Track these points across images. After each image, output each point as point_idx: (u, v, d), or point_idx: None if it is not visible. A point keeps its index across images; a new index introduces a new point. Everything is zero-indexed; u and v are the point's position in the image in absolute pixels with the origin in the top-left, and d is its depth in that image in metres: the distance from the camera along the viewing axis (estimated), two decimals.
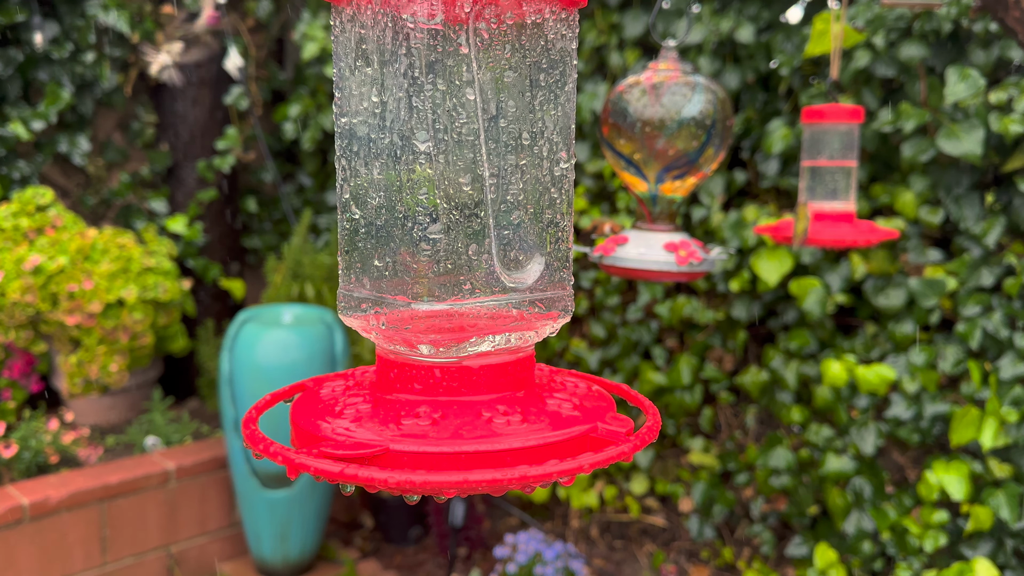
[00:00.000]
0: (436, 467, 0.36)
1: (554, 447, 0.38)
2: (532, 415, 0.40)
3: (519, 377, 0.43)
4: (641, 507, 2.01)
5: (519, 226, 0.42)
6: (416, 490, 0.34)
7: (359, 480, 0.34)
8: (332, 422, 0.40)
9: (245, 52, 2.44)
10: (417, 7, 0.38)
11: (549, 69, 0.43)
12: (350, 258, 0.44)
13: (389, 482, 0.34)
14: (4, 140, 2.07)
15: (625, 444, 0.38)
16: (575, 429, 0.39)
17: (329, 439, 0.38)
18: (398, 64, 0.40)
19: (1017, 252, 1.49)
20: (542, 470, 0.35)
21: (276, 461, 0.36)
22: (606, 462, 0.37)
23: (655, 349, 1.90)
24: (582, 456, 0.37)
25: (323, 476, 0.35)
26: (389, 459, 0.37)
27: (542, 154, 0.43)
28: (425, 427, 0.38)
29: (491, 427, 0.39)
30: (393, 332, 0.42)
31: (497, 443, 0.37)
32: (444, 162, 0.40)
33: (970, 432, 1.43)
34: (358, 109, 0.42)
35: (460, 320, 0.41)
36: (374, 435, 0.38)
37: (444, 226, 0.40)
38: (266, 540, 1.89)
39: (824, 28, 1.29)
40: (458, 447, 0.37)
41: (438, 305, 0.40)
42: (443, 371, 0.41)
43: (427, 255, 0.40)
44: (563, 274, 0.45)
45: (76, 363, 1.93)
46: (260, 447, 0.38)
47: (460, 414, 0.40)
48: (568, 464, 0.35)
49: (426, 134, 0.39)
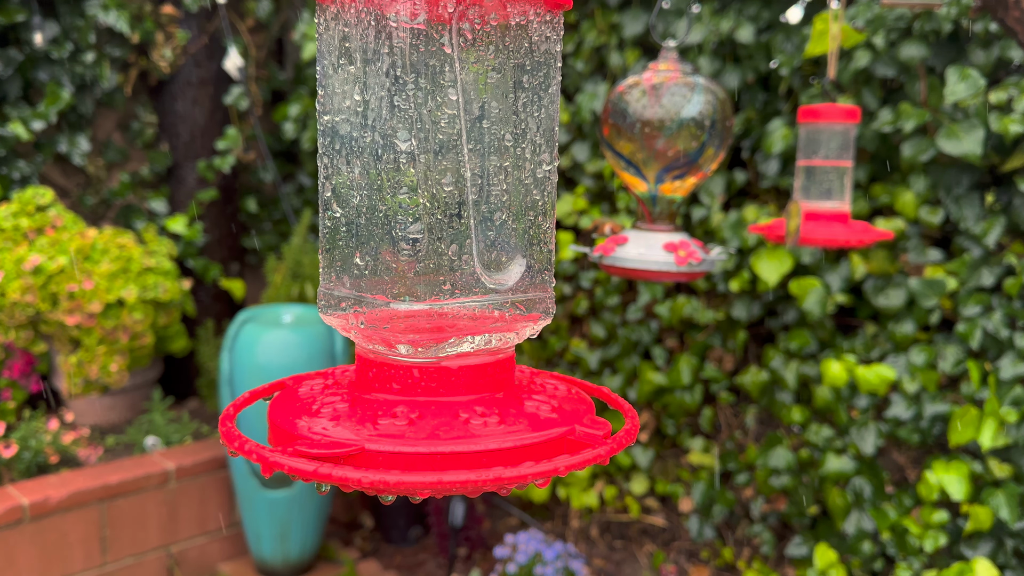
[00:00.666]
0: (411, 467, 0.36)
1: (530, 449, 0.38)
2: (510, 417, 0.40)
3: (498, 378, 0.43)
4: (641, 507, 2.01)
5: (501, 227, 0.42)
6: (390, 490, 0.34)
7: (332, 479, 0.34)
8: (309, 421, 0.40)
9: (245, 52, 2.44)
10: (400, 6, 0.38)
11: (533, 71, 0.43)
12: (331, 256, 0.44)
13: (363, 482, 0.34)
14: (4, 140, 2.08)
15: (602, 447, 0.38)
16: (552, 431, 0.39)
17: (305, 438, 0.38)
18: (380, 63, 0.39)
19: (1017, 252, 1.48)
20: (516, 472, 0.35)
21: (251, 459, 0.36)
22: (581, 465, 0.36)
23: (655, 349, 1.90)
24: (558, 458, 0.37)
25: (297, 475, 0.35)
26: (364, 459, 0.36)
27: (525, 156, 0.43)
28: (402, 427, 0.38)
29: (468, 428, 0.38)
30: (372, 331, 0.41)
31: (473, 444, 0.37)
32: (426, 162, 0.40)
33: (970, 432, 1.42)
34: (340, 107, 0.42)
35: (440, 320, 0.41)
36: (350, 434, 0.38)
37: (425, 226, 0.40)
38: (266, 540, 1.89)
39: (824, 28, 1.29)
40: (434, 447, 0.37)
41: (417, 305, 0.40)
42: (422, 371, 0.41)
43: (408, 255, 0.40)
44: (544, 276, 0.45)
45: (76, 363, 1.93)
46: (235, 444, 0.38)
47: (437, 414, 0.40)
48: (543, 466, 0.35)
49: (408, 133, 0.39)
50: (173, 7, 2.30)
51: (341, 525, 2.22)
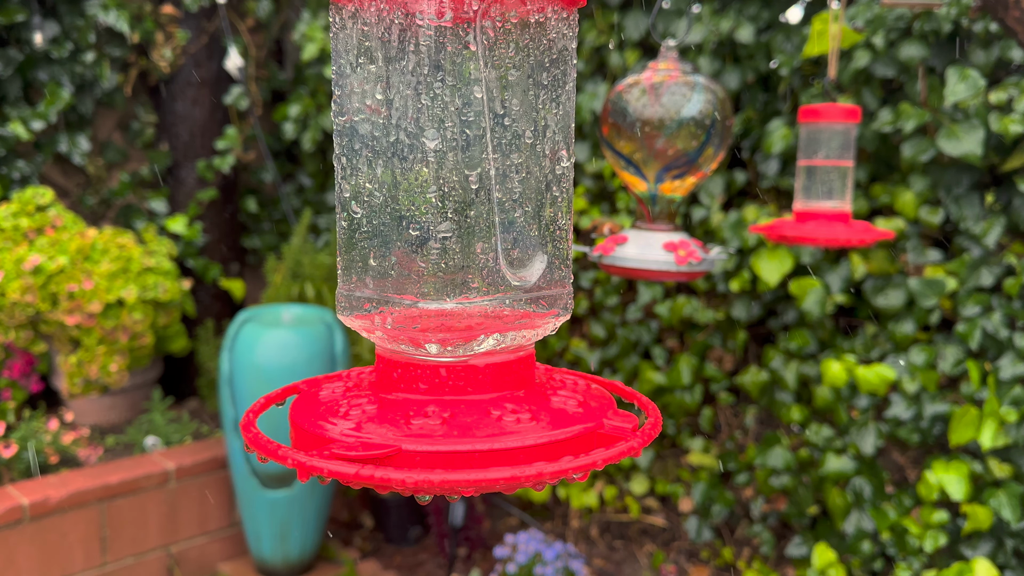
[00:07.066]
0: (449, 466, 0.36)
1: (565, 444, 0.38)
2: (539, 413, 0.40)
3: (521, 375, 0.43)
4: (641, 507, 2.02)
5: (523, 224, 0.43)
6: (434, 489, 0.34)
7: (375, 481, 0.34)
8: (338, 423, 0.39)
9: (245, 52, 2.44)
10: (426, 5, 0.39)
11: (551, 68, 0.43)
12: (350, 258, 0.44)
13: (407, 482, 0.34)
14: (4, 140, 2.07)
15: (634, 439, 0.38)
16: (583, 426, 0.40)
17: (337, 441, 0.38)
18: (405, 61, 0.40)
19: (1017, 252, 1.49)
20: (558, 466, 0.35)
21: (286, 464, 0.36)
22: (618, 457, 0.37)
23: (655, 349, 1.91)
24: (595, 452, 0.37)
25: (337, 478, 0.35)
26: (402, 459, 0.37)
27: (545, 152, 0.43)
28: (435, 426, 0.38)
29: (501, 425, 0.39)
30: (399, 331, 0.42)
31: (510, 441, 0.37)
32: (452, 160, 0.40)
33: (969, 432, 1.43)
34: (360, 107, 0.42)
35: (465, 319, 0.41)
36: (384, 436, 0.38)
37: (452, 225, 0.40)
38: (266, 540, 1.89)
39: (823, 28, 1.29)
40: (471, 446, 0.37)
41: (445, 304, 0.41)
42: (449, 370, 0.41)
43: (435, 253, 0.40)
44: (563, 272, 0.46)
45: (76, 363, 1.93)
46: (268, 450, 0.38)
47: (469, 413, 0.40)
48: (582, 460, 0.36)
49: (436, 132, 0.39)
50: (173, 7, 2.30)
51: (341, 525, 2.22)
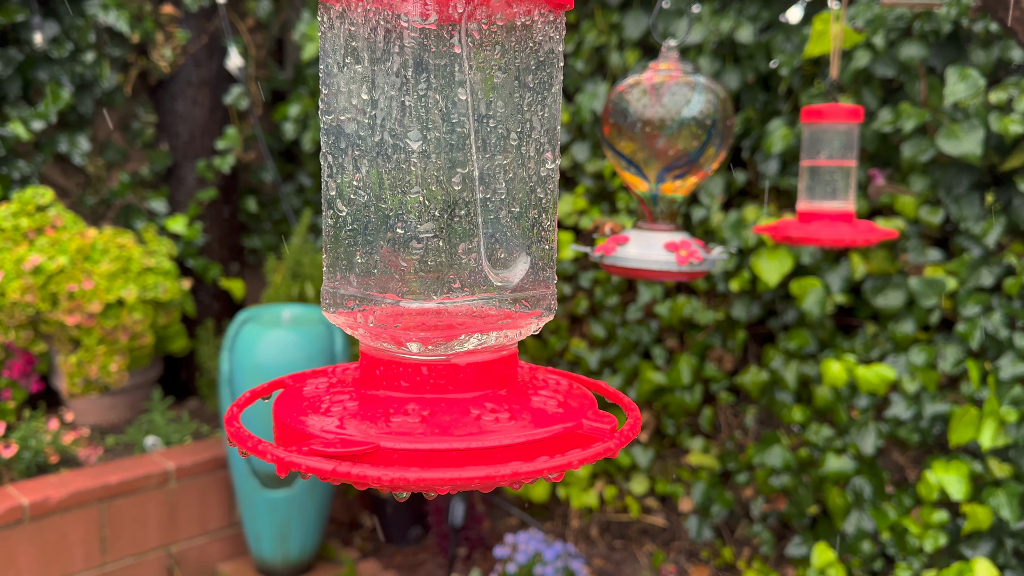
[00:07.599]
0: (427, 464, 0.37)
1: (542, 443, 0.38)
2: (519, 412, 0.40)
3: (503, 375, 0.44)
4: (641, 507, 2.01)
5: (507, 225, 0.43)
6: (409, 487, 0.35)
7: (352, 478, 0.34)
8: (319, 419, 0.40)
9: (245, 52, 2.44)
10: (411, 6, 0.39)
11: (537, 71, 0.43)
12: (335, 255, 0.44)
13: (383, 480, 0.34)
14: (4, 140, 2.08)
15: (611, 440, 0.38)
16: (562, 426, 0.40)
17: (317, 437, 0.38)
18: (390, 62, 0.40)
19: (1017, 252, 1.48)
20: (533, 466, 0.35)
21: (265, 459, 0.36)
22: (593, 458, 0.37)
23: (655, 349, 1.90)
24: (571, 452, 0.37)
25: (314, 474, 0.35)
26: (380, 456, 0.37)
27: (529, 154, 0.43)
28: (415, 424, 0.39)
29: (480, 424, 0.39)
30: (381, 329, 0.42)
31: (487, 440, 0.37)
32: (435, 160, 0.40)
33: (969, 432, 1.43)
34: (346, 106, 0.42)
35: (447, 318, 0.41)
36: (364, 432, 0.38)
37: (435, 224, 0.40)
38: (266, 540, 1.89)
39: (824, 28, 1.29)
40: (449, 444, 0.37)
41: (427, 303, 0.41)
42: (430, 369, 0.41)
43: (417, 253, 0.40)
44: (547, 273, 0.46)
45: (76, 363, 1.93)
46: (248, 445, 0.38)
47: (448, 411, 0.40)
48: (557, 460, 0.36)
49: (419, 133, 0.39)
50: (173, 7, 2.30)
51: (341, 525, 2.22)
